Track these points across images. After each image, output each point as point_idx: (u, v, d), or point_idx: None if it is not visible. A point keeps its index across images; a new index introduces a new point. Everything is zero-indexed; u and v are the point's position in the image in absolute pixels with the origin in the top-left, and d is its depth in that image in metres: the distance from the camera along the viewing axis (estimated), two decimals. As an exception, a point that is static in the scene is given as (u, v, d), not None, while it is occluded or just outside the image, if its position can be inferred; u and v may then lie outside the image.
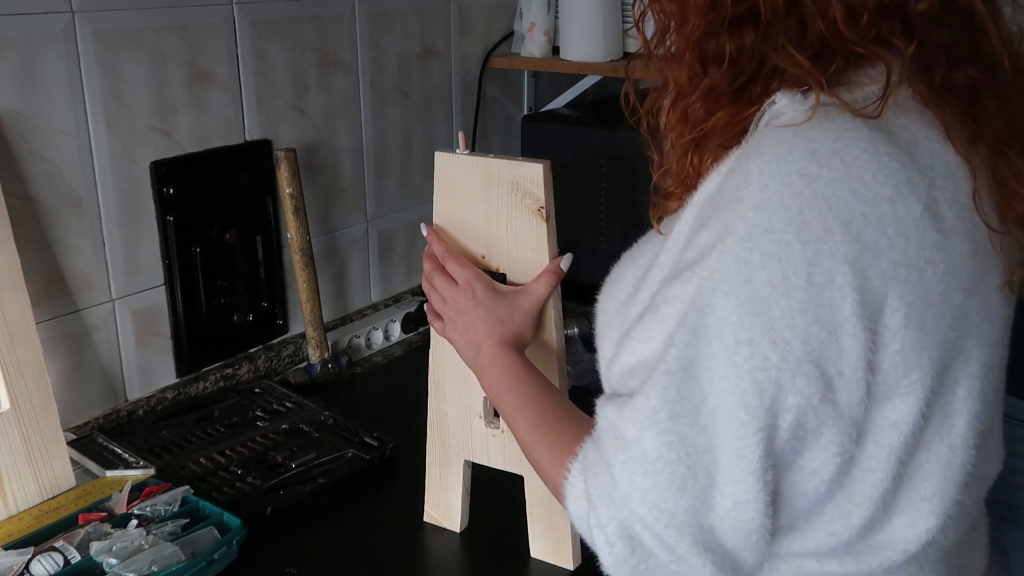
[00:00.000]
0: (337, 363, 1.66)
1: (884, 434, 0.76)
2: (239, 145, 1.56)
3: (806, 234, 0.71)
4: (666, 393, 0.74)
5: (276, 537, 1.20)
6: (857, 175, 0.71)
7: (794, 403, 0.72)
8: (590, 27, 1.88)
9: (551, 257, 1.06)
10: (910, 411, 0.76)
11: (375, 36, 1.77)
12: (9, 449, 1.20)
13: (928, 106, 0.77)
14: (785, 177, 0.72)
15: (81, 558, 1.08)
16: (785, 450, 0.73)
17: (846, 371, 0.72)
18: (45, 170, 1.32)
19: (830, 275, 0.71)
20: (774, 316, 0.71)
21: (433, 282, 1.07)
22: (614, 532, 0.77)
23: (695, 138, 0.83)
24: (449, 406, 1.17)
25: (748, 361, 0.71)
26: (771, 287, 0.71)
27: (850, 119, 0.73)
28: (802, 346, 0.71)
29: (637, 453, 0.75)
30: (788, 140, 0.73)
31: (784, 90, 0.76)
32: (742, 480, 0.73)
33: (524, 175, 1.05)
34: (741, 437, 0.72)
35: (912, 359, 0.74)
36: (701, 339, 0.73)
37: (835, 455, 0.75)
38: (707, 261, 0.74)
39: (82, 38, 1.33)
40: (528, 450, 0.93)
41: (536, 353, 1.07)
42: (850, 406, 0.73)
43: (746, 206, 0.72)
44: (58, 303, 1.36)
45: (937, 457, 0.79)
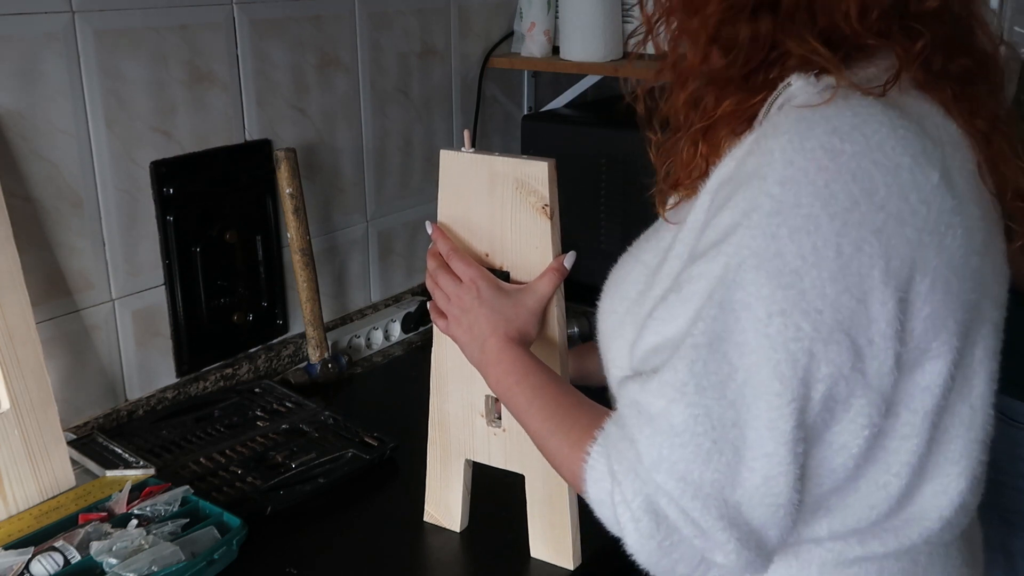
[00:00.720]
0: (337, 363, 1.66)
1: (917, 399, 0.78)
2: (239, 145, 1.56)
3: (833, 207, 0.73)
4: (694, 366, 0.76)
5: (276, 537, 1.20)
6: (877, 147, 0.74)
7: (826, 372, 0.73)
8: (590, 27, 1.88)
9: (555, 255, 1.06)
10: (940, 373, 0.78)
11: (375, 36, 1.77)
12: (9, 449, 1.20)
13: (925, 90, 0.81)
14: (809, 152, 0.74)
15: (81, 558, 1.08)
16: (816, 423, 0.75)
17: (876, 339, 0.74)
18: (45, 170, 1.32)
19: (858, 245, 0.73)
20: (805, 287, 0.73)
21: (437, 280, 1.07)
22: (639, 507, 0.78)
23: (704, 127, 0.85)
24: (450, 405, 1.17)
25: (781, 332, 0.73)
26: (801, 259, 0.73)
27: (863, 97, 0.76)
28: (833, 315, 0.73)
29: (664, 426, 0.76)
30: (807, 119, 0.75)
31: (798, 73, 0.78)
32: (774, 452, 0.74)
33: (529, 173, 1.05)
34: (775, 408, 0.73)
35: (940, 322, 0.76)
36: (729, 314, 0.75)
37: (863, 427, 0.76)
38: (733, 238, 0.76)
39: (82, 38, 1.33)
40: (542, 440, 0.92)
41: (540, 351, 1.07)
42: (879, 376, 0.75)
43: (771, 182, 0.74)
44: (58, 303, 1.36)
45: (960, 419, 0.82)
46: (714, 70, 0.82)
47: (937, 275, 0.75)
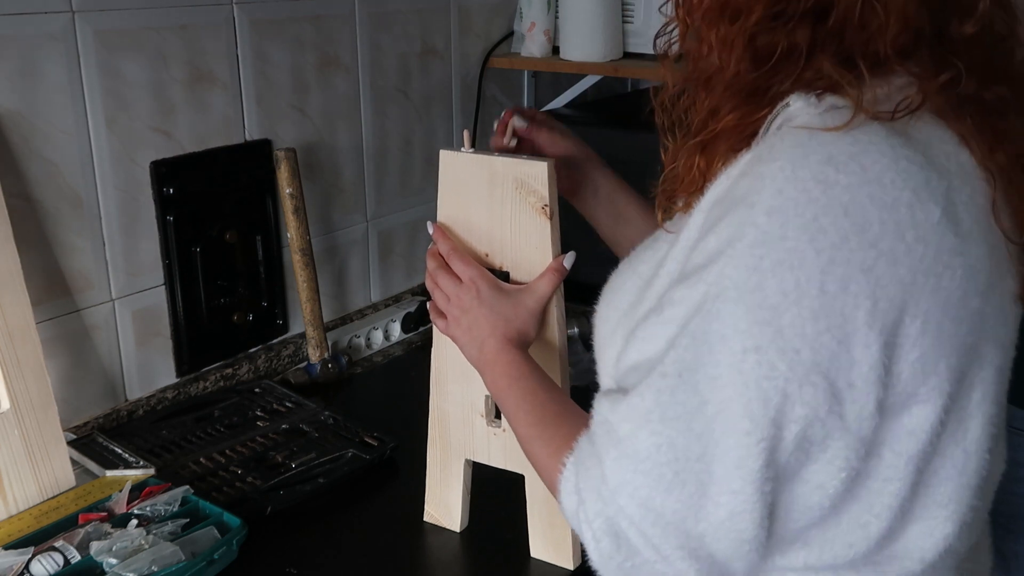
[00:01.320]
0: (337, 363, 1.66)
1: (902, 442, 0.75)
2: (239, 145, 1.56)
3: (820, 241, 0.69)
4: (660, 395, 0.74)
5: (276, 537, 1.20)
6: (875, 179, 0.70)
7: (801, 413, 0.70)
8: (590, 27, 1.88)
9: (555, 255, 1.06)
10: (927, 418, 0.75)
11: (375, 36, 1.76)
12: (9, 449, 1.20)
13: (944, 117, 0.76)
14: (800, 183, 0.70)
15: (81, 558, 1.07)
16: (789, 462, 0.72)
17: (856, 382, 0.71)
18: (45, 170, 1.32)
19: (844, 283, 0.69)
20: (784, 324, 0.70)
21: (437, 280, 1.07)
22: (600, 527, 0.77)
23: (704, 140, 0.81)
24: (450, 404, 1.17)
25: (755, 370, 0.70)
26: (782, 295, 0.70)
27: (867, 122, 0.72)
28: (811, 355, 0.70)
29: (629, 450, 0.75)
30: (804, 144, 0.72)
31: (798, 92, 0.75)
32: (740, 490, 0.71)
33: (529, 173, 1.05)
34: (744, 446, 0.71)
35: (930, 366, 0.73)
36: (702, 345, 0.72)
37: (840, 469, 0.73)
38: (715, 266, 0.73)
39: (82, 38, 1.33)
40: (526, 445, 0.93)
41: (539, 351, 1.07)
42: (858, 421, 0.72)
43: (758, 211, 0.71)
44: (58, 303, 1.36)
45: (952, 462, 0.78)
46: (742, 79, 0.78)
47: (929, 318, 0.71)
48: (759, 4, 0.75)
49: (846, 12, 0.73)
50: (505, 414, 0.99)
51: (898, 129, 0.73)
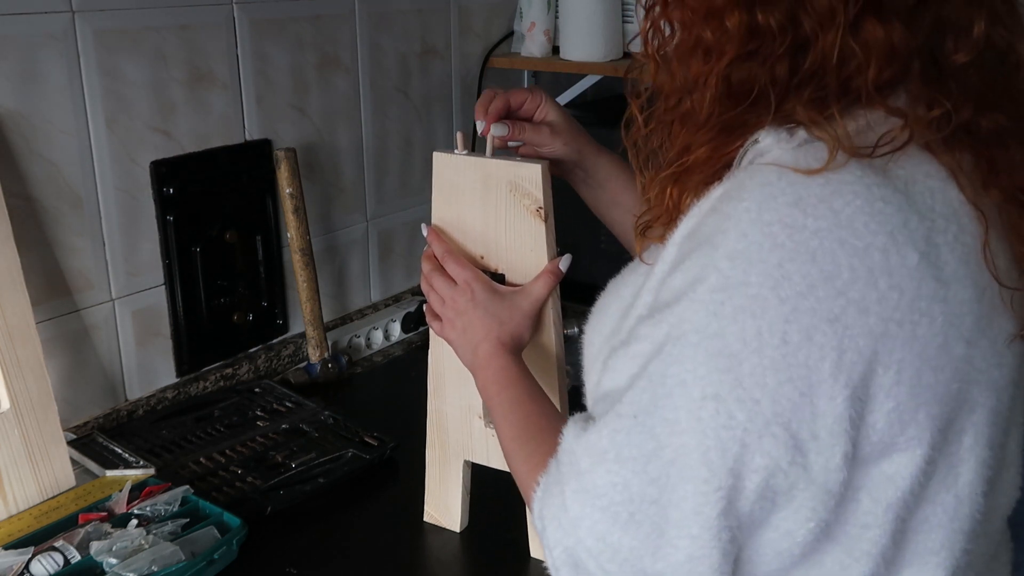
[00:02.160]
0: (337, 363, 1.66)
1: (880, 489, 0.73)
2: (239, 145, 1.56)
3: (785, 289, 0.67)
4: (615, 436, 0.73)
5: (276, 537, 1.20)
6: (847, 223, 0.67)
7: (761, 464, 0.68)
8: (590, 27, 1.88)
9: (550, 258, 1.05)
10: (907, 466, 0.72)
11: (375, 36, 1.76)
12: (9, 449, 1.20)
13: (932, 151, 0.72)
14: (766, 227, 0.68)
15: (81, 558, 1.08)
16: (753, 511, 0.70)
17: (821, 434, 0.68)
18: (45, 170, 1.32)
19: (808, 334, 0.67)
20: (743, 373, 0.68)
21: (432, 282, 1.07)
22: (560, 556, 0.76)
23: (675, 172, 0.78)
24: (449, 406, 1.17)
25: (713, 418, 0.68)
26: (742, 343, 0.67)
27: (841, 157, 0.69)
28: (772, 406, 0.67)
29: (588, 485, 0.74)
30: (772, 184, 0.69)
31: (769, 127, 0.72)
32: (698, 536, 0.70)
33: (522, 175, 1.04)
34: (701, 494, 0.69)
35: (908, 415, 0.70)
36: (660, 388, 0.71)
37: (807, 519, 0.71)
38: (677, 307, 0.71)
39: (82, 38, 1.33)
40: (508, 458, 0.93)
41: (536, 354, 1.07)
42: (825, 472, 0.69)
43: (721, 255, 0.69)
44: (58, 303, 1.36)
45: (943, 508, 0.75)
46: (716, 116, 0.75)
47: (904, 367, 0.68)
48: (732, 44, 0.72)
49: (824, 52, 0.69)
50: (493, 421, 0.99)
51: (877, 166, 0.70)
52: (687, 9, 0.75)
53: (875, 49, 0.69)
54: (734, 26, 0.71)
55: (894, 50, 0.69)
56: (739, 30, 0.71)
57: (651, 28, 0.80)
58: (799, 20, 0.70)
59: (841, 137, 0.69)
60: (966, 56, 0.71)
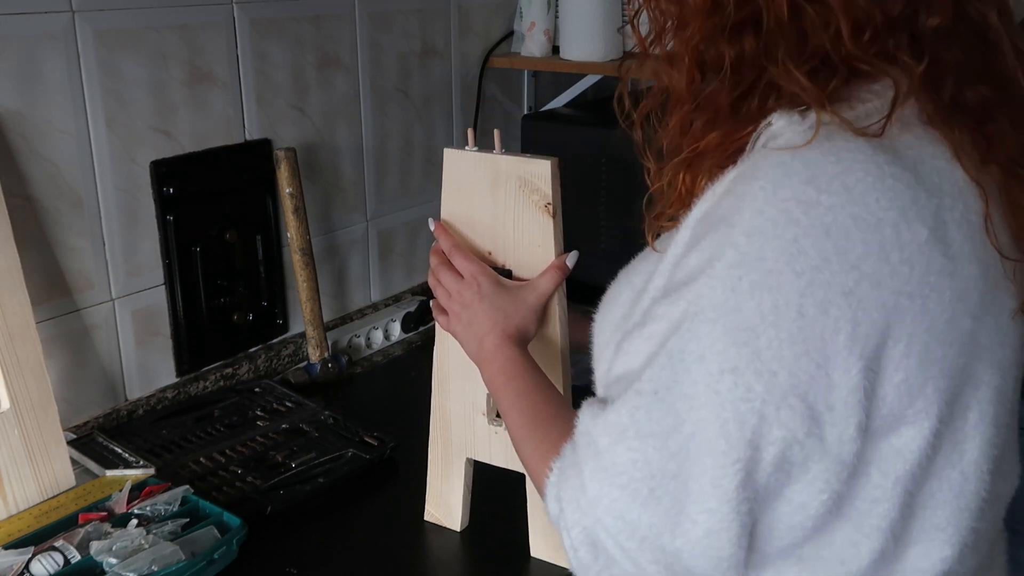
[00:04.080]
0: (337, 363, 1.66)
1: (889, 463, 0.74)
2: (239, 145, 1.56)
3: (800, 264, 0.68)
4: (635, 412, 0.74)
5: (276, 537, 1.20)
6: (859, 199, 0.69)
7: (778, 436, 0.69)
8: (590, 27, 1.88)
9: (557, 254, 1.06)
10: (915, 439, 0.73)
11: (375, 36, 1.77)
12: (9, 449, 1.20)
13: (934, 125, 0.74)
14: (781, 203, 0.69)
15: (81, 558, 1.07)
16: (769, 483, 0.71)
17: (836, 405, 0.70)
18: (45, 170, 1.32)
19: (824, 307, 0.68)
20: (761, 346, 0.69)
21: (439, 276, 1.08)
22: (578, 537, 0.77)
23: (688, 157, 0.80)
24: (452, 403, 1.17)
25: (731, 391, 0.69)
26: (760, 316, 0.69)
27: (851, 139, 0.71)
28: (789, 378, 0.69)
29: (607, 463, 0.75)
30: (786, 164, 0.70)
31: (781, 110, 0.74)
32: (717, 509, 0.71)
33: (532, 172, 1.05)
34: (720, 466, 0.70)
35: (917, 389, 0.72)
36: (679, 364, 0.72)
37: (821, 491, 0.72)
38: (695, 285, 0.72)
39: (82, 38, 1.33)
40: (517, 446, 0.93)
41: (541, 349, 1.07)
42: (839, 443, 0.71)
43: (737, 232, 0.70)
44: (58, 303, 1.36)
45: (949, 485, 0.77)
46: (704, 94, 0.77)
47: (914, 340, 0.70)
48: (695, 18, 0.76)
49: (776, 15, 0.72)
50: (500, 412, 0.99)
51: (886, 145, 0.71)
52: None
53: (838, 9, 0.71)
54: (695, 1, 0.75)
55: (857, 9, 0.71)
56: (700, 4, 0.75)
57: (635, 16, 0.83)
58: None
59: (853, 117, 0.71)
60: (937, 19, 0.72)
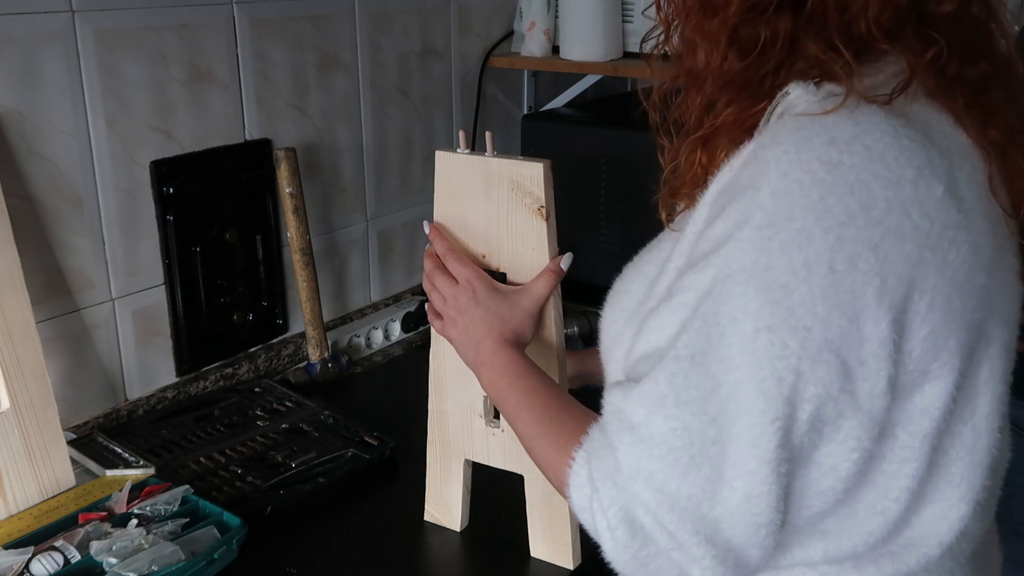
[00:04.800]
0: (337, 362, 1.66)
1: (915, 422, 0.76)
2: (239, 144, 1.56)
3: (828, 221, 0.70)
4: (674, 379, 0.74)
5: (276, 537, 1.20)
6: (879, 158, 0.71)
7: (813, 392, 0.71)
8: (590, 27, 1.88)
9: (551, 256, 1.06)
10: (939, 395, 0.75)
11: (375, 36, 1.77)
12: (9, 449, 1.20)
13: (936, 98, 0.77)
14: (805, 164, 0.71)
15: (81, 557, 1.08)
16: (803, 443, 0.73)
17: (868, 360, 0.71)
18: (45, 170, 1.32)
19: (853, 261, 0.70)
20: (794, 303, 0.70)
21: (434, 281, 1.07)
22: (615, 515, 0.77)
23: (704, 135, 0.82)
24: (450, 405, 1.17)
25: (767, 349, 0.71)
26: (791, 274, 0.70)
27: (866, 105, 0.73)
28: (823, 333, 0.70)
29: (644, 435, 0.75)
30: (806, 128, 0.73)
31: (797, 81, 0.76)
32: (756, 471, 0.72)
33: (524, 174, 1.05)
34: (758, 426, 0.71)
35: (940, 342, 0.74)
36: (714, 328, 0.73)
37: (852, 450, 0.74)
38: (723, 250, 0.74)
39: (82, 38, 1.33)
40: (531, 444, 0.92)
41: (536, 352, 1.07)
42: (870, 399, 0.72)
43: (764, 194, 0.72)
44: (58, 303, 1.36)
45: (962, 441, 0.79)
46: (731, 72, 0.79)
47: (937, 293, 0.72)
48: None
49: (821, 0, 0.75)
50: (505, 414, 0.99)
51: (897, 111, 0.74)
52: None
53: None
54: None
55: None
56: None
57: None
58: None
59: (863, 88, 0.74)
60: (950, 5, 0.76)
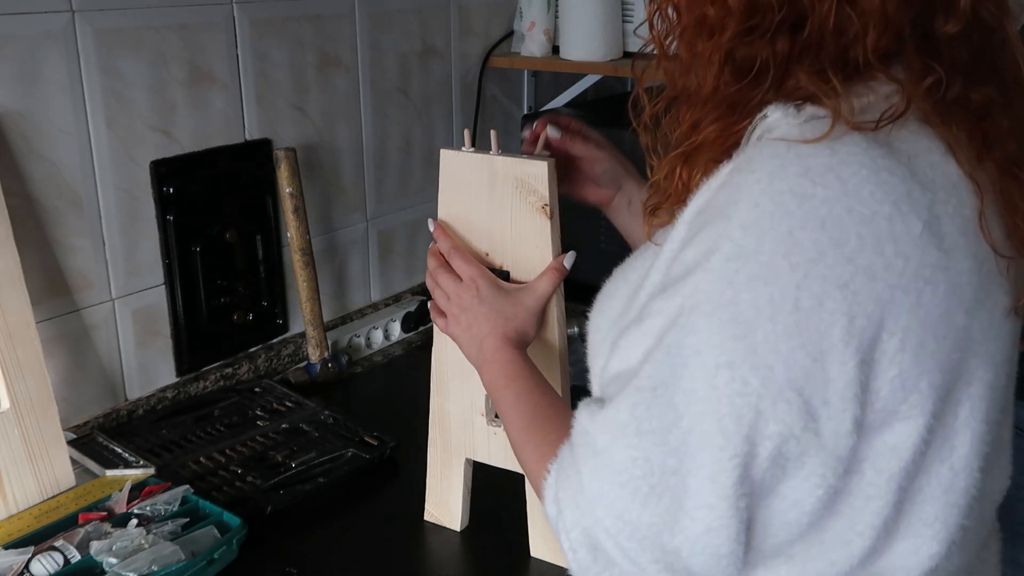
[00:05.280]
0: (337, 362, 1.66)
1: (883, 459, 0.74)
2: (239, 144, 1.56)
3: (796, 256, 0.68)
4: (635, 409, 0.73)
5: (276, 537, 1.20)
6: (854, 192, 0.69)
7: (774, 431, 0.69)
8: (590, 26, 1.88)
9: (555, 255, 1.06)
10: (909, 435, 0.73)
11: (375, 36, 1.77)
12: (9, 449, 1.20)
13: (930, 123, 0.74)
14: (777, 196, 0.69)
15: (81, 557, 1.08)
16: (765, 478, 0.71)
17: (832, 400, 0.69)
18: (45, 170, 1.32)
19: (819, 300, 0.68)
20: (757, 340, 0.69)
21: (437, 279, 1.07)
22: (577, 538, 0.77)
23: (685, 151, 0.80)
24: (451, 404, 1.17)
25: (728, 385, 0.69)
26: (756, 309, 0.69)
27: (847, 132, 0.71)
28: (785, 372, 0.68)
29: (606, 462, 0.74)
30: (781, 156, 0.71)
31: (776, 103, 0.74)
32: (715, 505, 0.70)
33: (529, 172, 1.05)
34: (717, 461, 0.70)
35: (911, 383, 0.71)
36: (677, 359, 0.72)
37: (817, 487, 0.72)
38: (691, 279, 0.72)
39: (82, 38, 1.33)
40: (516, 449, 0.93)
41: (539, 351, 1.07)
42: (835, 438, 0.70)
43: (734, 224, 0.70)
44: (58, 303, 1.36)
45: (938, 480, 0.76)
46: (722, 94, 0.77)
47: (909, 334, 0.70)
48: (732, 19, 0.74)
49: (821, 22, 0.71)
50: (500, 414, 0.99)
51: (880, 140, 0.71)
52: None
53: (871, 16, 0.71)
54: (735, 2, 0.73)
55: (888, 17, 0.71)
56: (739, 5, 0.73)
57: (656, 13, 0.82)
58: None
59: (848, 112, 0.71)
60: (956, 26, 0.72)
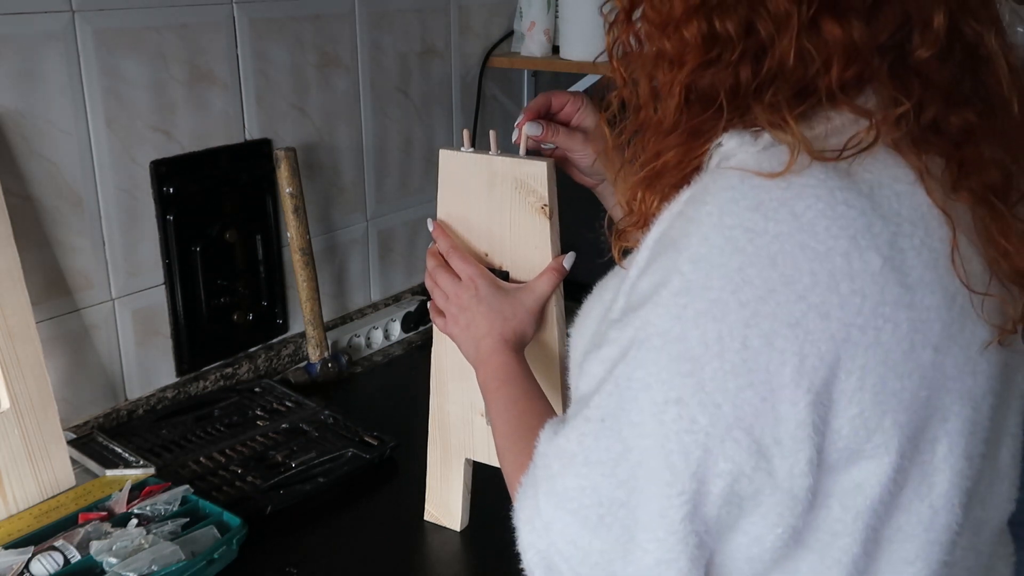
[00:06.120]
0: (337, 362, 1.66)
1: (850, 497, 0.72)
2: (239, 144, 1.56)
3: (745, 293, 0.66)
4: (583, 439, 0.73)
5: (276, 536, 1.20)
6: (808, 228, 0.66)
7: (725, 468, 0.68)
8: (590, 26, 1.87)
9: (554, 255, 1.06)
10: (875, 473, 0.71)
11: (375, 36, 1.77)
12: (9, 449, 1.20)
13: (900, 150, 0.71)
14: (727, 231, 0.67)
15: (81, 557, 1.08)
16: (721, 515, 0.70)
17: (784, 439, 0.68)
18: (45, 170, 1.32)
19: (769, 338, 0.66)
20: (705, 377, 0.67)
21: (436, 278, 1.07)
22: (533, 559, 0.77)
23: (647, 176, 0.78)
24: (451, 404, 1.17)
25: (675, 422, 0.68)
26: (704, 346, 0.67)
27: (806, 163, 0.68)
28: (733, 411, 0.67)
29: (559, 487, 0.74)
30: (735, 188, 0.69)
31: (732, 131, 0.72)
32: (664, 539, 0.69)
33: (528, 173, 1.05)
34: (665, 497, 0.69)
35: (874, 422, 0.69)
36: (626, 391, 0.71)
37: (775, 525, 0.70)
38: (643, 311, 0.71)
39: (82, 38, 1.33)
40: (499, 455, 0.93)
41: (538, 351, 1.07)
42: (790, 478, 0.69)
43: (684, 258, 0.69)
44: (58, 302, 1.36)
45: (918, 518, 0.74)
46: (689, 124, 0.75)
47: (868, 373, 0.67)
48: (691, 53, 0.72)
49: (781, 55, 0.69)
50: (489, 417, 0.99)
51: (842, 170, 0.69)
52: (647, 22, 0.76)
53: (835, 48, 0.68)
54: (692, 36, 0.71)
55: (855, 48, 0.69)
56: (697, 39, 0.71)
57: (615, 44, 0.81)
58: (755, 26, 0.69)
59: (803, 140, 0.68)
60: (928, 51, 0.70)
